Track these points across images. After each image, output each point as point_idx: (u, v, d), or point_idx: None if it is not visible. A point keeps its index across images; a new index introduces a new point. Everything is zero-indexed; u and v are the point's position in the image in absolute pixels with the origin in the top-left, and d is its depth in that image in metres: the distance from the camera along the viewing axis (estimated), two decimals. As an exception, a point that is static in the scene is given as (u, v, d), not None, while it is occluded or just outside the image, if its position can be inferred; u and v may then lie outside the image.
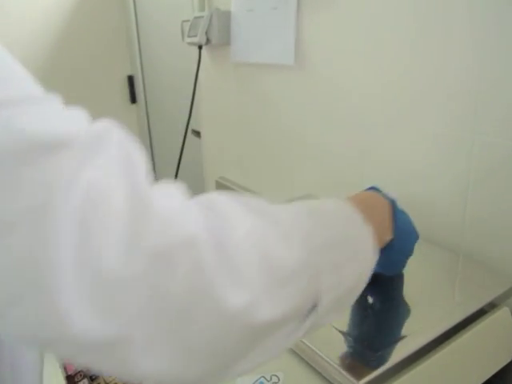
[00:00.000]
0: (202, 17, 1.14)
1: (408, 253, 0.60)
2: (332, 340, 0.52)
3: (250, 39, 1.10)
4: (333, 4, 0.88)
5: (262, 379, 0.52)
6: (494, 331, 0.61)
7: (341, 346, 0.50)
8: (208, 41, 1.16)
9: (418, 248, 0.73)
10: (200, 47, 1.21)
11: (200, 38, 1.14)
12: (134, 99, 2.18)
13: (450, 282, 0.65)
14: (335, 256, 0.38)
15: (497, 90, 0.65)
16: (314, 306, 0.36)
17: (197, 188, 1.67)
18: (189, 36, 1.19)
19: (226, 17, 1.14)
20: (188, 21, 1.22)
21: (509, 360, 0.63)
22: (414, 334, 0.52)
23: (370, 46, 0.83)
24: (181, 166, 1.35)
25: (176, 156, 1.34)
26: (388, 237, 0.51)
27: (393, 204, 0.53)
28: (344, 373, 0.46)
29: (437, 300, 0.59)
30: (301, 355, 0.53)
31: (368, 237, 0.42)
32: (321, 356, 0.49)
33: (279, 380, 0.52)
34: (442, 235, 0.77)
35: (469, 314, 0.55)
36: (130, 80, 2.15)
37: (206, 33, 1.14)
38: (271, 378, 0.52)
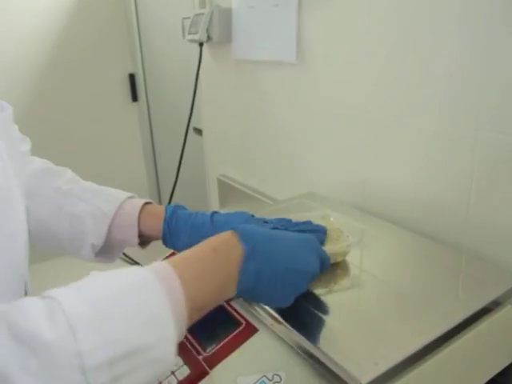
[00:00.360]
0: (203, 14, 1.13)
1: (279, 300, 0.52)
2: (335, 338, 0.51)
3: (252, 36, 1.09)
4: (334, 0, 0.88)
5: (264, 379, 0.52)
6: (498, 330, 0.60)
7: (344, 344, 0.50)
8: (209, 38, 1.15)
9: (421, 245, 0.73)
10: (201, 44, 1.20)
11: (201, 35, 1.14)
12: (135, 97, 2.19)
13: (453, 280, 0.65)
14: (115, 370, 0.36)
15: (499, 86, 0.65)
16: None
17: (198, 186, 1.68)
18: (189, 33, 1.19)
19: (226, 14, 1.13)
20: (189, 18, 1.21)
21: (513, 359, 0.63)
22: (417, 332, 0.51)
23: (372, 42, 0.83)
24: (182, 163, 1.35)
25: (178, 154, 1.34)
26: (230, 294, 0.48)
27: (245, 254, 0.48)
28: (347, 371, 0.46)
29: (440, 298, 0.59)
30: (303, 354, 0.52)
31: (169, 339, 0.39)
32: (323, 354, 0.49)
33: (281, 379, 0.52)
34: (444, 232, 0.77)
35: (472, 312, 0.55)
36: (131, 78, 2.15)
37: (207, 30, 1.14)
38: (273, 378, 0.52)
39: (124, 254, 1.11)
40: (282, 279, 0.50)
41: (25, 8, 1.86)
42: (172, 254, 0.77)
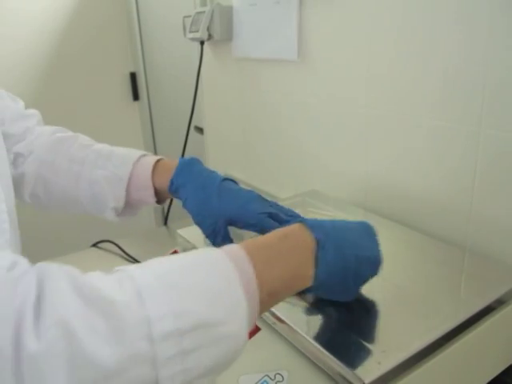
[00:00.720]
0: (204, 12, 1.13)
1: (348, 291, 0.52)
2: (337, 337, 0.51)
3: (253, 34, 1.09)
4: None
5: (266, 378, 0.52)
6: (502, 328, 0.60)
7: (346, 344, 0.50)
8: (210, 36, 1.15)
9: (424, 244, 0.72)
10: (202, 43, 1.20)
11: (202, 34, 1.13)
12: (136, 96, 2.18)
13: (456, 278, 0.64)
14: (185, 343, 0.34)
15: (503, 83, 0.64)
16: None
17: None
18: (190, 31, 1.19)
19: (227, 12, 1.13)
20: (189, 16, 1.21)
21: (517, 357, 0.63)
22: (421, 331, 0.51)
23: (373, 39, 0.82)
24: (183, 162, 1.34)
25: (179, 153, 1.33)
26: (306, 283, 0.46)
27: (319, 243, 0.47)
28: (350, 371, 0.45)
29: (443, 297, 0.58)
30: (305, 353, 0.52)
31: (240, 317, 0.38)
32: (326, 353, 0.49)
33: (283, 379, 0.51)
34: (447, 230, 0.76)
35: (476, 311, 0.55)
36: (133, 77, 2.15)
37: (208, 28, 1.14)
38: (275, 377, 0.52)
39: (125, 252, 1.11)
40: (354, 267, 0.50)
41: (25, 7, 1.86)
42: (174, 252, 0.77)
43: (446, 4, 0.69)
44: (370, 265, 0.52)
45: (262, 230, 0.60)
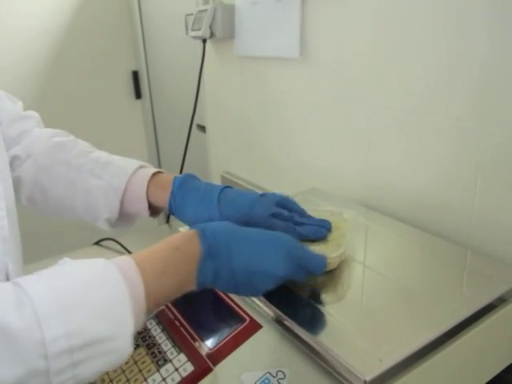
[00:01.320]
0: (206, 10, 1.13)
1: (244, 293, 0.55)
2: (339, 335, 0.51)
3: (255, 32, 1.09)
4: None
5: (268, 375, 0.52)
6: (503, 326, 0.60)
7: (348, 341, 0.50)
8: (212, 34, 1.15)
9: (426, 242, 0.72)
10: (204, 41, 1.20)
11: (204, 32, 1.13)
12: (138, 94, 2.19)
13: (458, 276, 0.64)
14: (75, 357, 0.39)
15: (508, 81, 0.64)
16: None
17: None
18: (193, 30, 1.19)
19: (229, 10, 1.13)
20: (192, 14, 1.21)
21: (519, 355, 0.63)
22: (422, 329, 0.51)
23: (377, 38, 0.82)
24: (186, 160, 1.35)
25: (181, 151, 1.33)
26: (190, 289, 0.50)
27: (201, 256, 0.50)
28: (351, 368, 0.46)
29: (444, 295, 0.58)
30: (307, 351, 0.52)
31: (127, 332, 0.42)
32: (328, 351, 0.49)
33: (285, 376, 0.52)
34: (450, 229, 0.76)
35: (477, 308, 0.55)
36: (135, 75, 2.15)
37: (210, 26, 1.14)
38: (277, 374, 0.52)
39: (127, 250, 1.11)
40: (242, 280, 0.51)
41: (28, 6, 1.86)
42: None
43: (449, 2, 0.69)
44: (265, 279, 0.52)
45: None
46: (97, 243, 1.23)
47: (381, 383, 0.46)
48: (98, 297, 0.42)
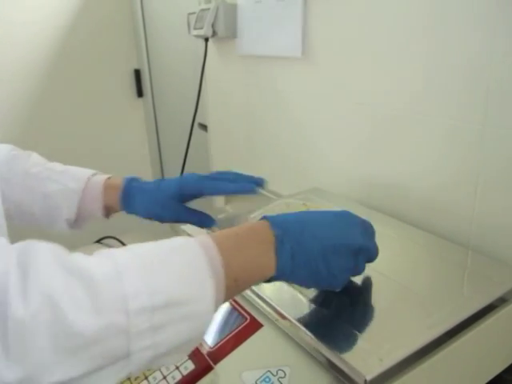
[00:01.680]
0: (208, 9, 1.13)
1: (327, 280, 0.51)
2: (339, 334, 0.51)
3: (257, 31, 1.09)
4: (340, -5, 0.87)
5: (269, 374, 0.52)
6: (504, 327, 0.60)
7: (348, 340, 0.50)
8: (214, 33, 1.15)
9: (426, 242, 0.72)
10: (206, 40, 1.20)
11: (206, 31, 1.13)
12: (140, 93, 2.18)
13: (459, 276, 0.64)
14: (156, 319, 0.38)
15: (507, 81, 0.64)
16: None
17: None
18: (195, 28, 1.19)
19: (232, 9, 1.13)
20: (194, 13, 1.21)
21: (519, 355, 0.63)
22: (423, 329, 0.51)
23: (378, 37, 0.82)
24: (187, 159, 1.35)
25: (183, 149, 1.34)
26: (270, 273, 0.49)
27: (277, 238, 0.49)
28: (352, 367, 0.46)
29: (445, 295, 0.58)
30: (307, 349, 0.52)
31: (208, 296, 0.42)
32: (328, 350, 0.49)
33: (285, 374, 0.52)
34: (450, 230, 0.76)
35: (478, 309, 0.55)
36: (137, 74, 2.15)
37: (213, 25, 1.14)
38: (277, 373, 0.52)
39: (124, 245, 1.12)
40: (323, 258, 0.50)
41: (29, 3, 1.86)
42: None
43: (454, 4, 0.69)
44: (345, 253, 0.51)
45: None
46: (98, 241, 1.23)
47: (381, 382, 0.46)
48: (180, 260, 0.42)
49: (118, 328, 0.36)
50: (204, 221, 0.76)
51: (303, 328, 0.52)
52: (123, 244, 1.15)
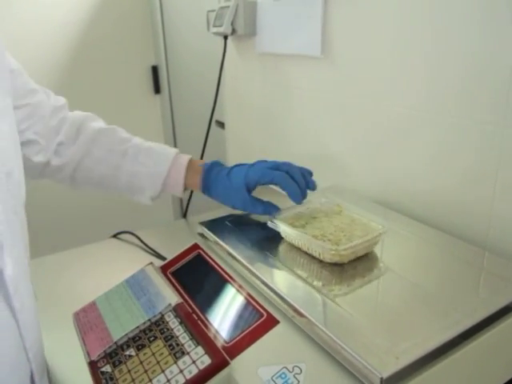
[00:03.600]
0: (228, 7, 1.14)
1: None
2: (356, 332, 0.51)
3: (277, 30, 1.09)
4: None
5: (285, 370, 0.53)
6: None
7: (365, 339, 0.50)
8: (234, 31, 1.16)
9: (443, 242, 0.72)
10: (225, 37, 1.20)
11: (225, 28, 1.14)
12: (157, 89, 2.20)
13: (475, 277, 0.64)
14: None
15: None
16: None
17: None
18: (214, 26, 1.19)
19: (251, 7, 1.13)
20: (214, 11, 1.22)
21: (535, 358, 0.62)
22: (439, 329, 0.51)
23: (398, 36, 0.82)
24: (204, 156, 1.36)
25: (199, 146, 1.34)
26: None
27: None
28: (368, 365, 0.46)
29: (461, 295, 0.58)
30: (324, 346, 0.53)
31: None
32: (345, 347, 0.49)
33: (301, 371, 0.52)
34: (468, 230, 0.76)
35: (494, 310, 0.55)
36: (154, 70, 2.17)
37: (232, 23, 1.14)
38: (293, 369, 0.52)
39: (145, 243, 1.13)
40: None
41: (49, 1, 1.88)
42: (194, 246, 0.78)
43: (472, 7, 0.69)
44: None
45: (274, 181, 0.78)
46: (114, 236, 1.24)
47: (397, 381, 0.46)
48: None
49: None
50: (269, 210, 0.79)
51: (320, 325, 0.53)
52: (139, 239, 1.16)
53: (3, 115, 0.57)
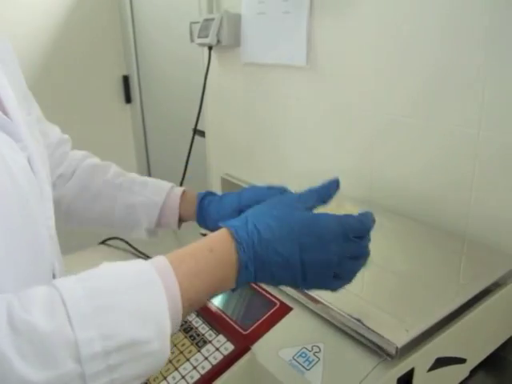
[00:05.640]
0: (213, 19, 1.19)
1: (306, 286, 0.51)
2: (365, 312, 0.58)
3: (261, 41, 1.14)
4: (344, 8, 0.94)
5: (304, 350, 0.58)
6: (499, 308, 0.67)
7: (375, 317, 0.56)
8: (218, 42, 1.21)
9: (424, 234, 0.80)
10: (210, 48, 1.26)
11: (211, 40, 1.19)
12: (128, 99, 2.20)
13: (455, 265, 0.72)
14: (112, 360, 0.38)
15: (503, 83, 0.71)
16: None
17: (200, 185, 1.68)
18: (199, 37, 1.24)
19: (235, 19, 1.19)
20: (198, 22, 1.26)
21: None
22: (434, 308, 0.59)
23: (380, 47, 0.89)
24: (180, 165, 1.38)
25: (173, 155, 1.36)
26: (230, 287, 0.49)
27: (241, 263, 0.48)
28: (383, 337, 0.53)
29: (443, 282, 0.66)
30: (339, 326, 0.59)
31: (164, 336, 0.41)
32: (360, 324, 0.55)
33: (320, 350, 0.58)
34: (447, 223, 0.84)
35: (474, 294, 0.62)
36: (125, 80, 2.17)
37: (217, 34, 1.20)
38: (313, 348, 0.58)
39: (134, 248, 1.15)
40: (295, 269, 0.49)
41: (20, 8, 1.86)
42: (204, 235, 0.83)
43: (455, 13, 0.76)
44: (314, 270, 0.49)
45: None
46: (103, 242, 1.24)
47: (408, 349, 0.53)
48: (135, 299, 0.41)
49: (72, 376, 0.36)
50: None
51: (336, 309, 0.58)
52: (129, 244, 1.18)
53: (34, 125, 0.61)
